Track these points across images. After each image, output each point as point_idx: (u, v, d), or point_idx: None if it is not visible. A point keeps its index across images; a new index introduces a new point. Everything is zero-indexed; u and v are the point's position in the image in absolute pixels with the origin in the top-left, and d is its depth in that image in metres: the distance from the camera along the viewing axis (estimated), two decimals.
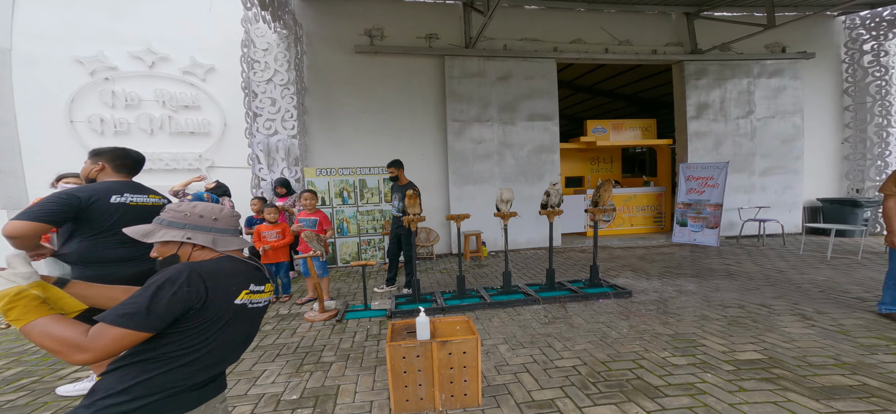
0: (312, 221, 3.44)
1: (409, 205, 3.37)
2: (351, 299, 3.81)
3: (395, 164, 3.88)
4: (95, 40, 4.30)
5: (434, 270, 5.26)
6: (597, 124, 7.73)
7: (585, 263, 5.46)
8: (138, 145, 4.65)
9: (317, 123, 5.69)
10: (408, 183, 3.93)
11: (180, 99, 4.72)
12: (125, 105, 4.48)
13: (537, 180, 6.59)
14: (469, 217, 3.87)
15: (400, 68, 6.10)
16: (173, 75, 4.67)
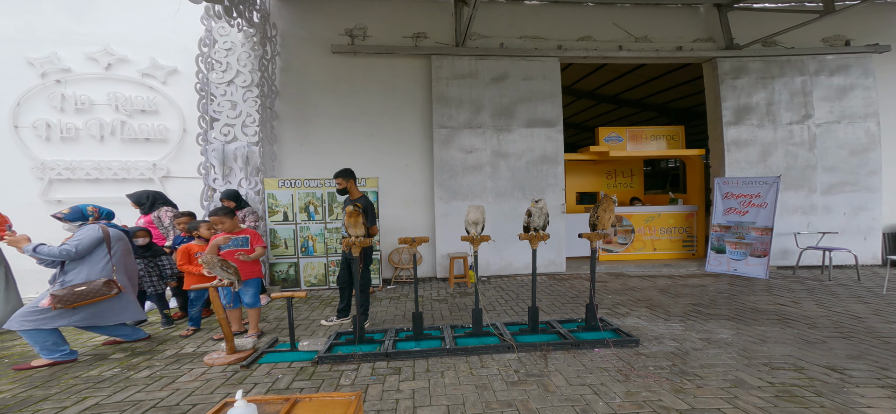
0: (242, 239, 2.96)
1: (348, 224, 2.84)
2: (285, 336, 3.26)
3: (343, 174, 3.39)
4: (52, 41, 4.25)
5: (408, 297, 4.65)
6: (610, 132, 6.96)
7: (599, 292, 4.62)
8: (86, 152, 4.50)
9: (289, 130, 5.38)
10: (360, 196, 3.43)
11: (136, 103, 4.56)
12: (75, 109, 4.36)
13: (538, 195, 5.89)
14: (427, 241, 3.27)
15: (383, 70, 5.74)
16: (131, 78, 4.54)
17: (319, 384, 2.39)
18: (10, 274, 3.32)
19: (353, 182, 3.45)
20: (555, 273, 5.97)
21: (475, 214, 3.07)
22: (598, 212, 3.23)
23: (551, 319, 3.48)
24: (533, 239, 3.15)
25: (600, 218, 3.17)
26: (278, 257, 4.77)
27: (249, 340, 2.77)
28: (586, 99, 10.23)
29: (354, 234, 2.87)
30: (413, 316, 3.05)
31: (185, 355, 2.77)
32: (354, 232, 2.86)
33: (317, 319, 3.79)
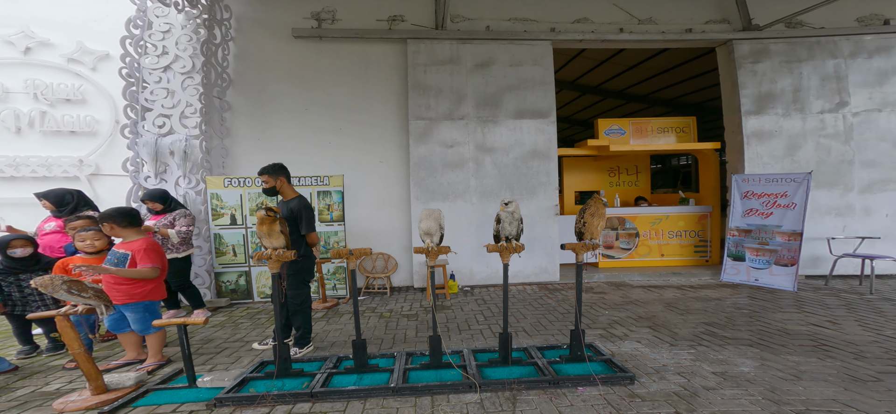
0: (122, 255, 2.45)
1: (260, 234, 2.34)
2: (202, 364, 2.76)
3: (269, 171, 2.87)
4: None
5: (374, 311, 4.13)
6: (612, 124, 6.41)
7: (590, 308, 4.09)
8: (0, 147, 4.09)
9: (244, 123, 4.93)
10: (295, 198, 2.92)
11: (60, 91, 4.14)
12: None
13: (528, 195, 5.37)
14: (369, 253, 2.76)
15: (354, 57, 5.28)
16: (53, 63, 4.12)
17: None
18: None
19: (286, 180, 2.95)
20: (547, 283, 5.42)
21: (428, 222, 2.56)
22: (584, 217, 2.71)
23: (531, 346, 2.94)
24: (503, 251, 2.62)
25: (588, 224, 2.65)
26: (225, 266, 4.30)
27: (131, 376, 2.26)
28: (592, 94, 9.69)
29: (271, 245, 2.36)
30: (353, 344, 2.53)
31: (43, 395, 2.27)
32: (271, 243, 2.36)
33: (254, 339, 3.29)
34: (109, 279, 2.36)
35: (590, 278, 5.60)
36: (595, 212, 2.68)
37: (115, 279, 2.36)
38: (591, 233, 2.71)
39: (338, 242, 4.60)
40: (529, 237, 5.32)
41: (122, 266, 2.38)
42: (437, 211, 2.60)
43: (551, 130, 5.46)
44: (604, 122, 6.42)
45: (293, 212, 2.82)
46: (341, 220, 4.60)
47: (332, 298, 4.56)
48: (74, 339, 2.00)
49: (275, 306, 2.40)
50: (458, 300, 4.63)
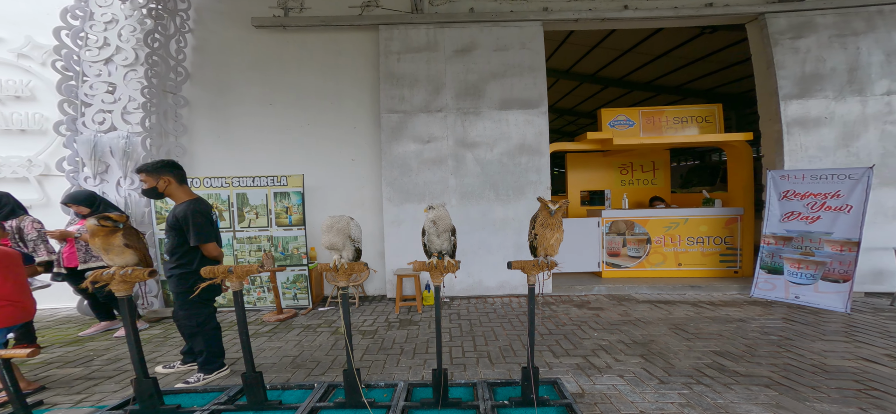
0: None
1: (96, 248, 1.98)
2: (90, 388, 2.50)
3: (148, 169, 2.50)
4: None
5: (330, 326, 3.78)
6: (618, 114, 5.79)
7: (577, 328, 3.57)
8: None
9: (203, 120, 4.78)
10: (190, 200, 2.55)
11: (8, 87, 4.14)
12: None
13: (514, 195, 4.90)
14: (255, 271, 2.29)
15: (323, 47, 5.04)
16: (2, 59, 4.14)
17: None
18: None
19: (174, 180, 2.55)
20: (538, 294, 4.88)
21: (330, 235, 2.15)
22: (534, 227, 2.25)
23: (483, 381, 2.48)
24: (433, 271, 2.19)
25: (540, 237, 2.19)
26: None
27: None
28: (616, 87, 8.98)
29: (119, 262, 1.99)
30: (243, 377, 2.17)
31: None
32: (116, 260, 1.99)
33: (174, 358, 3.03)
34: None
35: (588, 291, 5.02)
36: (545, 222, 2.22)
37: None
38: (544, 248, 2.24)
39: (297, 249, 4.32)
40: (517, 243, 4.85)
41: None
42: (346, 219, 2.19)
43: (542, 122, 4.97)
44: (608, 112, 5.82)
45: (179, 219, 2.47)
46: (301, 223, 4.32)
47: (290, 308, 4.27)
48: None
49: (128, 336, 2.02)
50: (429, 314, 4.23)
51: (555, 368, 2.80)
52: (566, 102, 10.56)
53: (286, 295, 4.32)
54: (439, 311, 2.21)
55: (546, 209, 2.17)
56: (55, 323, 4.06)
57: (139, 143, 3.91)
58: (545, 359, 2.97)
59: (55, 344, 3.41)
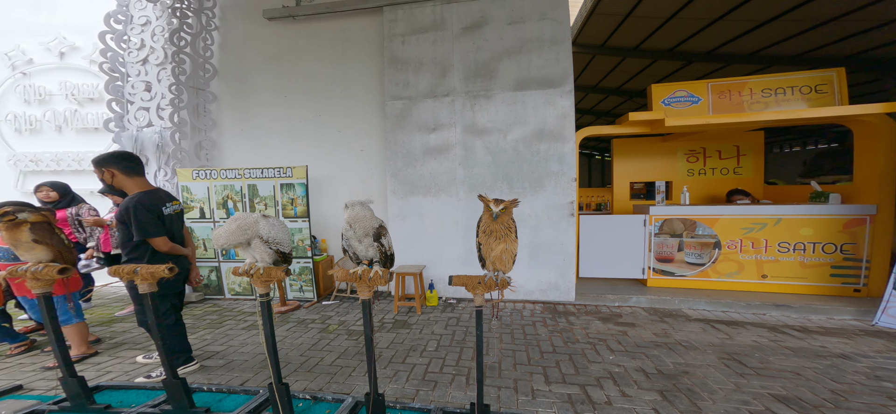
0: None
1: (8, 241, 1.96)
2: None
3: (96, 162, 2.42)
4: (15, 33, 4.74)
5: (323, 322, 3.76)
6: (676, 90, 4.60)
7: (591, 347, 2.99)
8: (48, 144, 4.97)
9: (228, 113, 5.03)
10: (142, 192, 2.44)
11: (85, 91, 4.82)
12: (37, 100, 4.84)
13: (531, 188, 4.29)
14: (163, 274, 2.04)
15: (331, 35, 4.90)
16: (80, 66, 4.81)
17: None
18: None
19: (120, 172, 2.42)
20: (558, 303, 4.28)
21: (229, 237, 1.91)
22: (479, 233, 1.78)
23: (437, 407, 2.16)
24: (358, 283, 1.88)
25: (484, 247, 1.78)
26: (199, 260, 4.48)
27: None
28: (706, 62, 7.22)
29: (30, 258, 1.98)
30: (165, 385, 2.12)
31: None
32: (25, 255, 1.97)
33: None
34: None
35: (623, 301, 4.22)
36: (489, 229, 1.73)
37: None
38: (495, 261, 1.77)
39: (302, 241, 4.37)
40: (533, 243, 4.27)
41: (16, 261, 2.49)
42: (253, 218, 1.96)
43: (566, 103, 4.17)
44: (661, 88, 4.67)
45: (123, 212, 2.37)
46: (306, 215, 4.34)
47: (295, 300, 4.36)
48: None
49: (50, 337, 2.04)
50: (427, 317, 3.94)
51: (539, 398, 2.35)
52: (610, 81, 8.95)
53: (293, 287, 4.42)
54: (370, 327, 1.90)
55: (488, 212, 1.74)
56: (112, 301, 4.59)
57: (168, 138, 4.26)
58: (533, 385, 2.52)
59: (94, 322, 3.85)
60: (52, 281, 2.02)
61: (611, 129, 4.87)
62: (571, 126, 4.22)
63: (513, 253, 1.77)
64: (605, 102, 10.58)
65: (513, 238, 1.75)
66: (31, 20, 4.68)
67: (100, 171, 2.42)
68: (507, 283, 1.78)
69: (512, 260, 1.78)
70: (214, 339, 3.38)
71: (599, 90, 9.36)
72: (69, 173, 4.75)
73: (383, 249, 1.94)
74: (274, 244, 2.00)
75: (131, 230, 2.35)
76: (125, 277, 1.99)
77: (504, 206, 1.72)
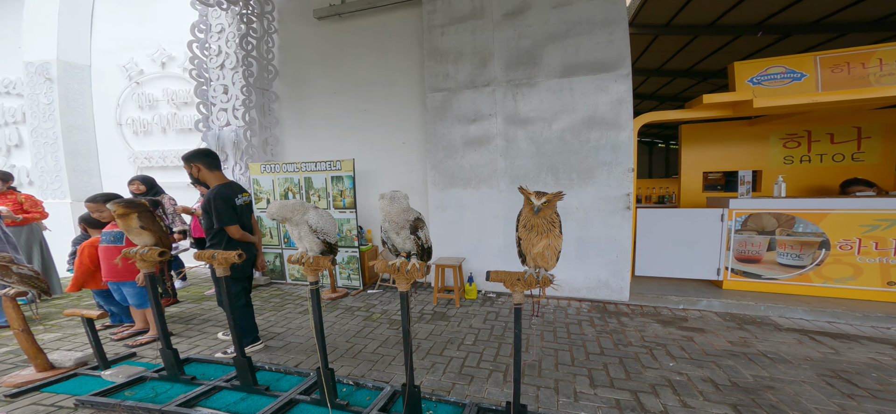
0: (118, 233, 2.96)
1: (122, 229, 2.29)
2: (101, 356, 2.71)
3: (185, 158, 2.71)
4: (130, 48, 5.57)
5: (367, 311, 3.93)
6: (770, 66, 3.77)
7: (646, 352, 2.80)
8: (156, 144, 5.83)
9: (288, 111, 5.39)
10: (221, 185, 2.70)
11: (180, 95, 5.55)
12: (148, 106, 5.70)
13: (580, 179, 4.00)
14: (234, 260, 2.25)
15: (373, 31, 4.95)
16: (176, 73, 5.54)
17: None
18: (47, 253, 4.20)
19: (205, 167, 2.70)
20: (608, 302, 3.96)
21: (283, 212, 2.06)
22: (518, 228, 1.72)
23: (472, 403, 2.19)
24: (397, 275, 1.89)
25: (524, 242, 1.69)
26: (264, 247, 4.95)
27: (72, 357, 2.69)
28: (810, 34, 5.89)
29: (139, 242, 2.31)
30: (235, 362, 2.35)
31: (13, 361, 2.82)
32: (136, 239, 2.30)
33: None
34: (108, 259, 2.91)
35: (690, 303, 3.74)
36: (530, 223, 1.65)
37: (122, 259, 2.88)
38: (534, 258, 1.68)
39: (350, 231, 4.59)
40: (581, 237, 3.97)
41: (119, 243, 3.00)
42: (306, 206, 2.08)
43: (621, 88, 3.70)
44: (747, 66, 3.87)
45: (207, 203, 2.65)
46: (353, 206, 4.54)
47: (343, 288, 4.62)
48: (15, 319, 2.45)
49: (154, 312, 2.38)
50: (466, 310, 3.90)
51: (583, 401, 2.22)
52: (677, 62, 7.62)
53: (342, 275, 4.68)
54: (407, 320, 1.91)
55: (529, 205, 1.63)
56: (203, 281, 5.13)
57: (242, 135, 4.74)
58: (576, 386, 2.39)
59: (188, 298, 4.41)
60: (154, 262, 2.34)
61: (679, 113, 4.19)
62: (628, 112, 3.73)
63: (556, 249, 1.63)
64: (670, 86, 9.20)
65: (556, 233, 1.61)
66: (140, 35, 5.53)
67: (188, 166, 2.72)
68: (549, 281, 1.66)
69: (555, 257, 1.64)
70: (276, 321, 3.67)
71: (663, 73, 8.13)
72: (172, 168, 5.61)
73: (420, 242, 1.92)
74: (321, 234, 2.10)
75: (212, 219, 2.64)
76: (206, 261, 2.26)
77: (546, 199, 1.57)
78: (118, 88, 5.70)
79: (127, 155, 5.69)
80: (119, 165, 5.64)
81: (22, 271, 2.52)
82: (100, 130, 5.76)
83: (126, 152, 5.70)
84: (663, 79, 8.57)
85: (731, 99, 3.81)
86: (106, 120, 5.76)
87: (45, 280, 2.70)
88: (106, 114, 5.76)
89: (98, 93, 5.72)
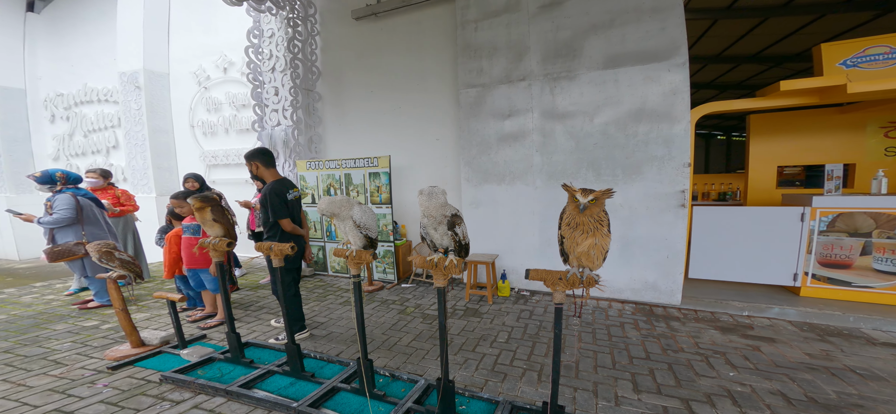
0: (196, 225, 3.32)
1: (200, 220, 2.56)
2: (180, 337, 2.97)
3: (246, 157, 2.91)
4: (198, 56, 6.09)
5: (401, 305, 4.00)
6: (870, 45, 3.11)
7: (702, 359, 2.61)
8: (221, 144, 6.37)
9: (329, 110, 5.58)
10: (274, 181, 2.88)
11: (239, 98, 6.00)
12: (214, 109, 6.24)
13: (625, 175, 3.76)
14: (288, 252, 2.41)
15: (407, 29, 4.94)
16: (236, 78, 5.98)
17: None
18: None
19: (262, 165, 2.90)
20: (655, 305, 3.70)
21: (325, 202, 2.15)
22: (561, 226, 1.65)
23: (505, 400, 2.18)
24: (435, 271, 1.90)
25: (568, 241, 1.61)
26: (310, 240, 5.20)
27: (158, 335, 3.02)
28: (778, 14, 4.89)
29: (212, 233, 2.58)
30: (286, 348, 2.52)
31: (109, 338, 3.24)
32: (209, 231, 2.57)
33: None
34: (188, 249, 3.28)
35: (761, 311, 3.35)
36: (573, 220, 1.57)
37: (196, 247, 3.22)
38: (578, 257, 1.61)
39: (385, 226, 4.69)
40: (625, 236, 3.72)
41: (197, 235, 3.32)
42: (351, 202, 2.17)
43: (676, 79, 3.33)
44: (838, 47, 3.24)
45: (263, 198, 2.85)
46: (389, 202, 4.62)
47: (379, 281, 4.73)
48: (116, 299, 2.81)
49: (222, 297, 2.63)
50: (499, 307, 3.84)
51: (624, 406, 2.12)
52: (743, 47, 6.55)
53: (378, 268, 4.81)
54: (444, 315, 1.93)
55: (574, 203, 1.55)
56: (257, 270, 5.52)
57: (290, 134, 5.03)
58: (617, 390, 2.28)
59: (246, 286, 4.76)
60: (223, 252, 2.60)
61: (749, 102, 3.65)
62: (684, 103, 3.34)
63: (604, 249, 1.54)
64: (732, 73, 8.06)
65: (604, 232, 1.52)
66: (206, 43, 6.07)
67: (248, 163, 2.94)
68: (595, 281, 1.57)
69: (602, 256, 1.56)
70: (320, 311, 3.83)
71: (724, 59, 7.13)
72: (233, 166, 6.16)
73: (458, 238, 1.91)
74: (364, 229, 2.17)
75: (267, 212, 2.85)
76: (264, 253, 2.45)
77: (594, 196, 1.48)
78: (190, 93, 6.33)
79: (198, 154, 6.34)
80: (192, 163, 6.31)
81: (122, 257, 2.88)
82: (177, 132, 6.47)
83: (197, 151, 6.35)
84: (725, 66, 7.55)
85: (818, 84, 3.22)
86: (181, 122, 6.45)
87: (140, 265, 3.05)
88: (181, 117, 6.45)
89: (175, 98, 6.41)
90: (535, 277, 1.66)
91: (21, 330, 3.40)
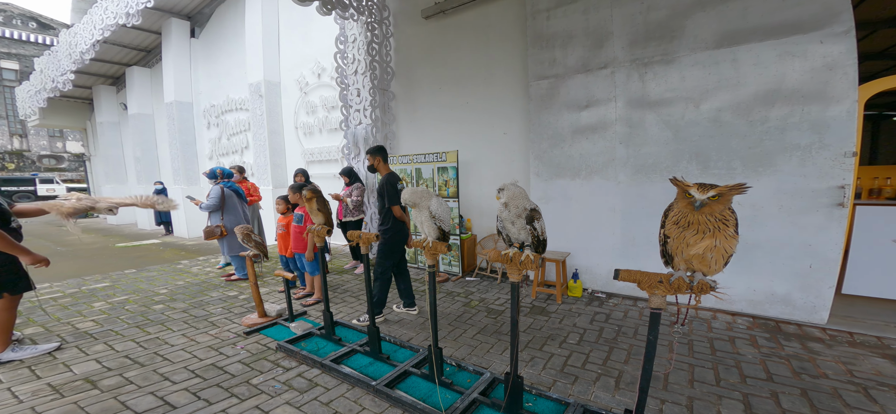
0: (299, 215, 3.67)
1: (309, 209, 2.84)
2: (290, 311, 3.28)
3: (369, 152, 3.25)
4: (298, 65, 6.62)
5: (466, 297, 3.88)
6: None
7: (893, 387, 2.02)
8: (317, 143, 6.98)
9: (402, 108, 5.58)
10: (386, 174, 3.13)
11: (329, 101, 6.45)
12: (311, 111, 6.86)
13: (744, 167, 3.00)
14: (375, 239, 2.55)
15: (474, 25, 4.62)
16: (327, 82, 6.42)
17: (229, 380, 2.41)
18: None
19: (381, 159, 3.21)
20: (785, 321, 2.99)
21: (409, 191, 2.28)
22: (665, 226, 1.41)
23: (576, 402, 2.06)
24: (509, 266, 1.78)
25: (675, 242, 1.37)
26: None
27: (275, 309, 3.38)
28: None
29: (317, 221, 2.81)
30: (368, 330, 2.62)
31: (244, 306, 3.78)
32: (315, 219, 2.81)
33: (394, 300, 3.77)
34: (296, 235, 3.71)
35: (881, 327, 2.43)
36: (683, 218, 1.33)
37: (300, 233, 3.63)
38: (686, 260, 1.36)
39: (453, 219, 4.61)
40: (746, 240, 3.04)
41: (300, 223, 3.67)
42: (431, 193, 2.20)
43: (835, 50, 2.53)
44: None
45: (380, 188, 3.12)
46: (456, 196, 4.52)
47: (444, 273, 4.66)
48: (251, 274, 3.19)
49: (321, 279, 2.84)
50: (569, 307, 3.47)
51: None
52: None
53: (444, 261, 4.77)
54: (516, 310, 1.80)
55: (686, 199, 1.28)
56: (341, 256, 5.89)
57: (369, 132, 5.27)
58: (720, 409, 1.96)
59: (334, 270, 5.07)
60: (323, 238, 2.83)
61: None
62: (848, 80, 2.46)
63: (727, 252, 1.28)
64: None
65: (730, 233, 1.27)
66: (305, 52, 6.66)
67: (370, 157, 3.26)
68: (710, 287, 1.32)
69: (723, 261, 1.29)
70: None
71: None
72: (326, 162, 6.78)
73: (536, 233, 1.77)
74: (438, 221, 2.17)
75: (384, 199, 3.11)
76: (355, 241, 2.62)
77: (717, 192, 1.22)
78: (294, 98, 7.11)
79: (300, 152, 7.15)
80: (296, 161, 7.19)
81: (257, 239, 3.35)
82: (285, 133, 7.41)
83: (299, 150, 7.16)
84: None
85: None
86: (288, 125, 7.34)
87: (266, 246, 3.50)
88: (288, 119, 7.32)
89: (284, 104, 7.31)
90: (627, 278, 1.44)
91: (191, 294, 4.21)
